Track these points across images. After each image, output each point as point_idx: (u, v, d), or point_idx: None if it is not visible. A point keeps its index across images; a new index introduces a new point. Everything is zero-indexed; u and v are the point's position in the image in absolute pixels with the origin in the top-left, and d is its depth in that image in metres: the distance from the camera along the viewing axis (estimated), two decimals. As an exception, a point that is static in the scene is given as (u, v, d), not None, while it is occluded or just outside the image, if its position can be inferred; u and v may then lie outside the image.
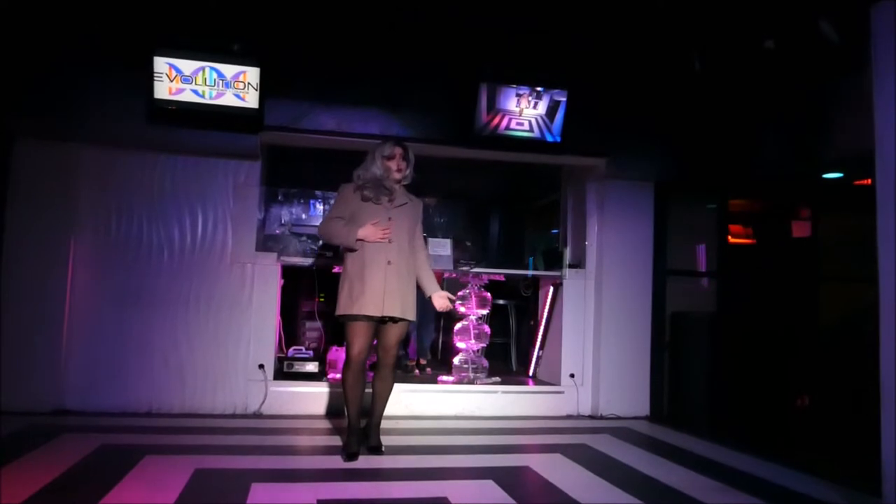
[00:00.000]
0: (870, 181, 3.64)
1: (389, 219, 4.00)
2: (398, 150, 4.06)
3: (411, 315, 4.03)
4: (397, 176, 4.04)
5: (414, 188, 4.29)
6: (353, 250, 3.96)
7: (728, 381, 5.66)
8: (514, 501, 3.31)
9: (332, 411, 5.12)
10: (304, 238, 6.91)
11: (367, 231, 3.89)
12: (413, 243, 4.12)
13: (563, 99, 5.39)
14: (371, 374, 4.20)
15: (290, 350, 5.60)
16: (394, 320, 3.98)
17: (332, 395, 5.17)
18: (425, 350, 6.64)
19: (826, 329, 5.48)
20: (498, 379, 5.71)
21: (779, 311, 5.66)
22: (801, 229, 5.94)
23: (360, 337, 3.92)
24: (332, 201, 4.15)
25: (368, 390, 4.13)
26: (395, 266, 3.95)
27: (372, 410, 4.15)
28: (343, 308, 3.94)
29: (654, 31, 5.06)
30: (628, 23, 4.97)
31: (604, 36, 5.20)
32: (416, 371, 6.22)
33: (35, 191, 4.86)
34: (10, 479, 3.27)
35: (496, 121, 5.35)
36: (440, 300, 4.18)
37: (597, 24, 5.04)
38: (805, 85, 5.03)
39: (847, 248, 5.37)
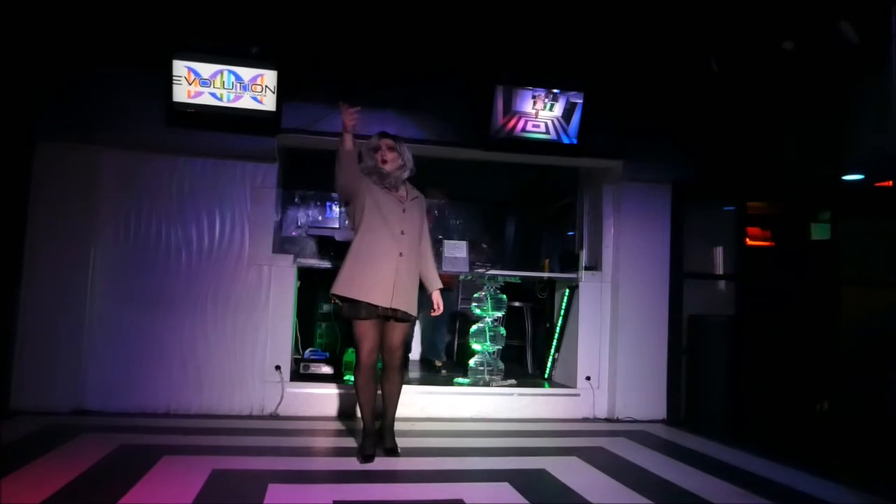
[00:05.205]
0: (891, 183, 3.61)
1: (404, 210, 4.02)
2: (383, 142, 4.05)
3: (415, 311, 4.04)
4: (384, 168, 4.01)
5: (428, 190, 4.31)
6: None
7: (746, 385, 5.62)
8: (529, 504, 3.30)
9: (348, 413, 5.14)
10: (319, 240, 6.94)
11: (346, 120, 3.76)
12: (420, 234, 4.15)
13: (580, 101, 5.38)
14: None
15: (307, 352, 5.62)
16: (397, 318, 3.97)
17: (347, 397, 5.18)
18: (439, 352, 6.64)
19: (846, 332, 5.43)
20: (514, 381, 5.70)
21: (798, 315, 5.61)
22: (820, 232, 5.90)
23: (368, 338, 3.93)
24: (347, 205, 4.16)
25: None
26: (406, 259, 3.97)
27: (384, 412, 4.16)
28: (343, 289, 3.88)
29: (671, 32, 5.04)
30: (645, 24, 4.96)
31: (620, 37, 5.19)
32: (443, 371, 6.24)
33: (56, 193, 4.92)
34: (30, 478, 3.31)
35: (512, 123, 5.35)
36: (436, 301, 4.22)
37: (613, 25, 5.03)
38: (824, 86, 4.98)
39: (868, 252, 5.32)
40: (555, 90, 5.34)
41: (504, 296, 5.89)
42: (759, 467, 4.22)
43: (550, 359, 6.27)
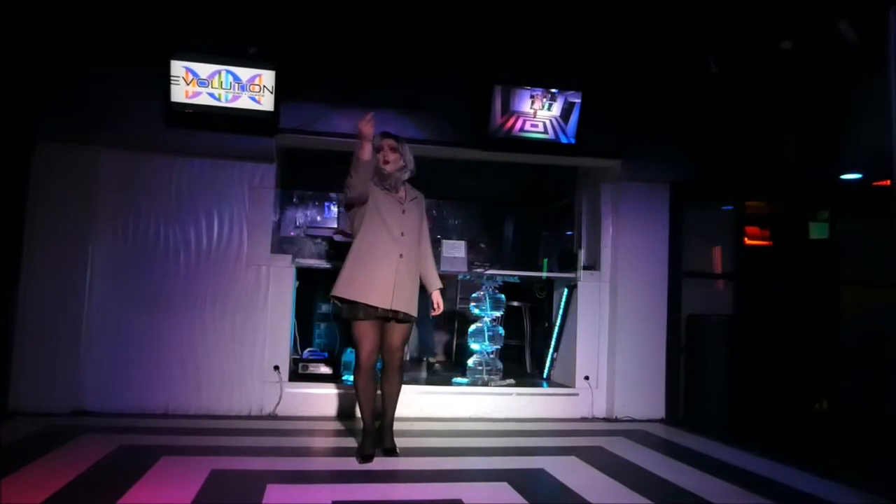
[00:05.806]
0: (889, 182, 3.60)
1: (403, 212, 4.02)
2: (385, 142, 4.05)
3: (415, 312, 4.04)
4: (385, 168, 4.01)
5: (427, 190, 4.31)
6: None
7: (745, 385, 5.61)
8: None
9: (347, 413, 5.14)
10: (318, 240, 6.94)
11: (363, 128, 3.75)
12: (419, 235, 4.15)
13: (578, 100, 5.38)
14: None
15: (305, 352, 5.62)
16: (398, 319, 3.97)
17: (345, 397, 5.18)
18: (431, 349, 6.63)
19: (846, 332, 5.43)
20: (512, 381, 5.70)
21: (797, 314, 5.61)
22: (819, 231, 5.90)
23: (368, 339, 3.93)
24: (350, 208, 4.16)
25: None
26: (406, 260, 3.97)
27: (383, 412, 4.16)
28: (343, 290, 3.90)
29: (670, 31, 5.03)
30: (644, 23, 4.95)
31: (619, 37, 5.18)
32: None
33: (55, 193, 4.91)
34: (29, 479, 3.31)
35: (510, 123, 5.35)
36: (436, 301, 4.23)
37: (612, 25, 5.03)
38: (824, 86, 4.99)
39: (867, 251, 5.32)
40: (553, 90, 5.34)
41: (503, 295, 5.89)
42: (759, 467, 4.22)
43: (549, 358, 6.27)
